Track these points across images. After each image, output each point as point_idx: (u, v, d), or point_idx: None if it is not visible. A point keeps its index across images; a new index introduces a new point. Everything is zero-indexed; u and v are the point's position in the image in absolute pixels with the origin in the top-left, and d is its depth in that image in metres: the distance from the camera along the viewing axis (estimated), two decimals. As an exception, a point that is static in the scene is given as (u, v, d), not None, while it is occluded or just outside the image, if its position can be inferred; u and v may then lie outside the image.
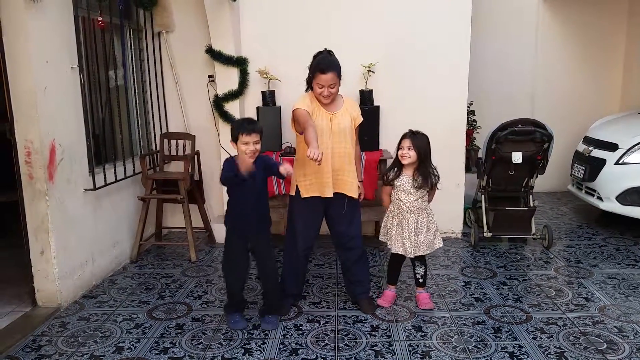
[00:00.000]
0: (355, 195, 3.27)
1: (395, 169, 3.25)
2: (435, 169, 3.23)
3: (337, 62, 3.12)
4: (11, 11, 3.08)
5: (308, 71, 3.15)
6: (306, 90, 3.23)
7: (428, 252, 3.30)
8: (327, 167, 3.13)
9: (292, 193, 3.30)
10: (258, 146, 2.92)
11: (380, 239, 3.44)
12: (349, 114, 3.22)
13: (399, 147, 3.21)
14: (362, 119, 3.32)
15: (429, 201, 3.30)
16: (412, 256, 3.28)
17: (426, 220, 3.25)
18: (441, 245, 3.35)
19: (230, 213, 3.11)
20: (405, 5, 4.60)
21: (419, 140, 3.16)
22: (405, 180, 3.21)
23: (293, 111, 3.15)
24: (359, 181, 3.35)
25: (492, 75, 6.32)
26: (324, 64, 3.06)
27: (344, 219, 3.30)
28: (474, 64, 4.83)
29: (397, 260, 3.44)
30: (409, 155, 3.15)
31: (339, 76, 3.10)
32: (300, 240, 3.32)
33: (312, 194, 3.20)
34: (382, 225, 3.41)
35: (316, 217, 3.31)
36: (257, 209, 3.05)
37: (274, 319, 3.20)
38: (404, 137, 3.21)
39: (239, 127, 2.92)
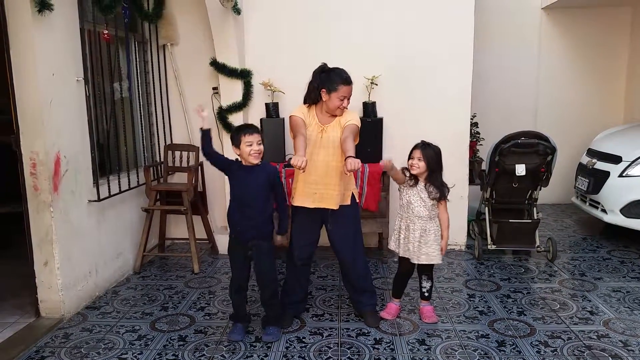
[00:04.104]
0: (341, 203, 3.21)
1: (409, 174, 3.27)
2: (446, 185, 3.26)
3: None
4: (18, 24, 3.12)
5: (315, 86, 3.15)
6: (305, 103, 3.25)
7: (427, 263, 3.28)
8: (311, 177, 3.15)
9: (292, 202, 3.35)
10: (261, 146, 3.01)
11: (389, 246, 3.45)
12: (339, 125, 3.19)
13: (409, 157, 3.26)
14: (352, 123, 3.14)
15: (444, 212, 3.28)
16: (416, 262, 3.28)
17: (434, 231, 3.26)
18: (439, 262, 3.31)
19: (228, 215, 3.12)
20: (407, 18, 4.63)
21: (428, 152, 3.20)
22: (420, 187, 3.24)
23: (289, 117, 3.22)
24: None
25: (495, 87, 6.34)
26: (346, 74, 3.13)
27: (335, 234, 3.30)
28: (477, 77, 4.85)
29: (404, 273, 3.43)
30: (418, 165, 3.20)
31: None
32: (295, 248, 3.34)
33: (299, 203, 3.23)
34: (392, 231, 3.42)
35: (310, 226, 3.30)
36: (254, 215, 3.02)
37: (274, 331, 3.19)
38: (415, 147, 3.26)
39: (240, 130, 3.02)
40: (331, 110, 3.16)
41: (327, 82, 3.11)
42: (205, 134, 3.05)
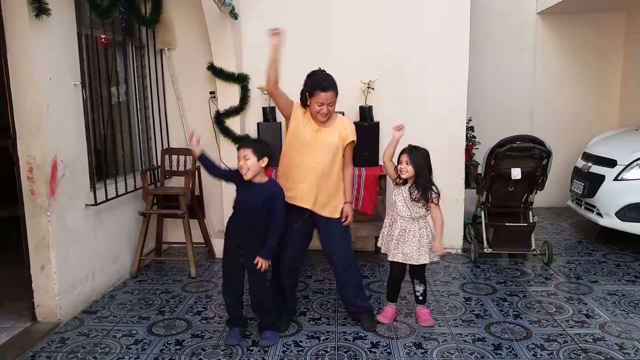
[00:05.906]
0: (330, 215, 3.24)
1: (399, 178, 3.29)
2: (435, 186, 3.24)
3: (335, 82, 3.16)
4: (16, 29, 3.12)
5: (304, 88, 3.18)
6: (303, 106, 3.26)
7: (414, 264, 3.27)
8: (302, 176, 3.17)
9: None
10: (249, 162, 2.96)
11: (377, 244, 3.48)
12: (338, 132, 3.21)
13: (398, 162, 3.27)
14: (353, 138, 3.26)
15: (437, 212, 3.24)
16: (391, 259, 3.31)
17: (414, 232, 3.24)
18: (427, 262, 3.27)
19: (228, 221, 3.13)
20: (404, 23, 4.66)
21: (416, 155, 3.21)
22: (405, 188, 3.25)
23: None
24: (348, 202, 3.30)
25: (491, 91, 6.38)
26: (326, 82, 3.10)
27: (324, 238, 3.30)
28: (473, 81, 4.88)
29: (396, 277, 3.43)
30: (407, 170, 3.20)
31: (337, 95, 3.15)
32: (282, 262, 3.28)
33: (290, 201, 3.19)
34: (381, 233, 3.43)
35: (295, 229, 3.23)
36: (251, 227, 3.03)
37: (271, 335, 3.19)
38: (403, 151, 3.27)
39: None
40: (312, 115, 3.17)
41: (309, 86, 3.14)
42: (202, 160, 3.07)
